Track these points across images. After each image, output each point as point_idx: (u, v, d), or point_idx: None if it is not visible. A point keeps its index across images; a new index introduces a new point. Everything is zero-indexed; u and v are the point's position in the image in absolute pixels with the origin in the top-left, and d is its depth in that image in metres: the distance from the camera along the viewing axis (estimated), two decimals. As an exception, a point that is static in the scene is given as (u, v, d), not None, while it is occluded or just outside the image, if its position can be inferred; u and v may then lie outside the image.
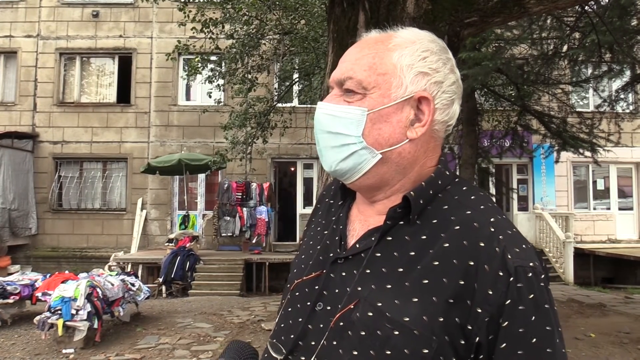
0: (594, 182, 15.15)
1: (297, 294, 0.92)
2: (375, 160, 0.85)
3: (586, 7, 6.98)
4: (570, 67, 9.67)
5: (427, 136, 0.87)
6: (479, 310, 0.75)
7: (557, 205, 14.55)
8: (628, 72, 9.17)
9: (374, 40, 0.89)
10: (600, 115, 10.12)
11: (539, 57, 9.13)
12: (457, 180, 0.90)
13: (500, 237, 0.78)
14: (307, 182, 14.43)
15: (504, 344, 0.74)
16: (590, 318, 7.41)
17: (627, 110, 10.98)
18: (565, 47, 8.86)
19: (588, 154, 9.75)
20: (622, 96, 9.42)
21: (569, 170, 14.67)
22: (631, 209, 14.96)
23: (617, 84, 9.85)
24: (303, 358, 0.84)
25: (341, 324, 0.81)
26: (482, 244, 0.78)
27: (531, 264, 0.77)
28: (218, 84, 10.16)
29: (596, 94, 10.46)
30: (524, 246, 0.79)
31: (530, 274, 0.76)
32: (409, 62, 0.85)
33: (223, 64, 10.14)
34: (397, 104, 0.85)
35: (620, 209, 14.96)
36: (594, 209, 14.98)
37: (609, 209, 14.98)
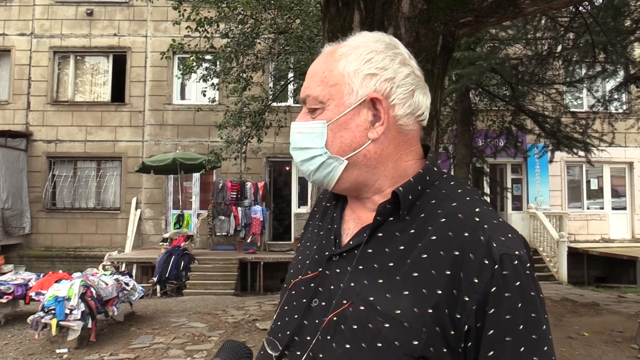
0: (588, 182, 15.23)
1: (293, 292, 0.95)
2: (343, 167, 0.90)
3: (580, 8, 7.03)
4: (565, 67, 9.72)
5: (394, 132, 0.90)
6: (466, 299, 0.76)
7: (551, 204, 14.61)
8: (622, 73, 9.22)
9: (325, 54, 0.94)
10: (594, 115, 10.17)
11: (533, 57, 9.17)
12: (444, 176, 0.92)
13: (485, 226, 0.80)
14: (302, 181, 14.39)
15: (492, 331, 0.76)
16: (584, 317, 7.45)
17: (621, 111, 11.04)
18: (559, 48, 8.90)
19: (582, 153, 9.80)
20: (615, 96, 9.46)
21: (563, 170, 14.74)
22: (624, 208, 15.04)
23: (610, 84, 9.90)
24: (298, 353, 0.86)
25: (335, 318, 0.83)
26: (466, 234, 0.80)
27: (517, 252, 0.78)
28: (213, 83, 10.13)
29: (590, 94, 10.51)
30: (509, 235, 0.81)
31: (516, 262, 0.78)
32: (354, 68, 0.89)
33: (218, 63, 10.10)
34: (353, 110, 0.89)
35: (613, 208, 15.04)
36: (588, 208, 15.06)
37: (602, 208, 15.06)
